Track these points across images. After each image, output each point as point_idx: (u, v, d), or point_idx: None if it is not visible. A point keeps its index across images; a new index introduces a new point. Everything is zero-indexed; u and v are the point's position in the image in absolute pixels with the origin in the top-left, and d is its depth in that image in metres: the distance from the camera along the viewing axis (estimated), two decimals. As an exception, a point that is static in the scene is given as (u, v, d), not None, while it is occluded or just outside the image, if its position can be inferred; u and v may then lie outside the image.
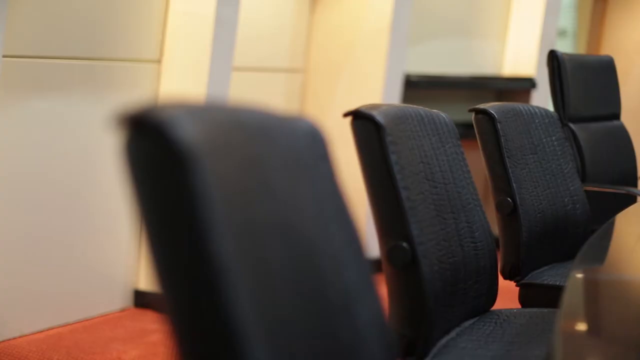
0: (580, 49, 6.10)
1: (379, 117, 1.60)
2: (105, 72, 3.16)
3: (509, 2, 5.05)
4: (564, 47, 6.02)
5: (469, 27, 4.86)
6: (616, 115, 3.28)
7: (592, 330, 1.16)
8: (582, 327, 1.15)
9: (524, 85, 4.96)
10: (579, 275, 1.37)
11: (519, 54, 5.01)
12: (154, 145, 0.73)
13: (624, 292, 1.41)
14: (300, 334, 0.90)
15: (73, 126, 3.06)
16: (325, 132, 1.08)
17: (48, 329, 3.09)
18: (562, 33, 5.98)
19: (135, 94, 3.27)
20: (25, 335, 3.01)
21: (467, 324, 1.81)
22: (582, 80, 3.12)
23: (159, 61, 3.34)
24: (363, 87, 4.06)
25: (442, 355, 1.62)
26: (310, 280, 0.96)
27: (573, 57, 3.15)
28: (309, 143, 1.05)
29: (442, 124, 1.85)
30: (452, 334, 1.75)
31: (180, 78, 3.31)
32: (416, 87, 4.31)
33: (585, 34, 6.10)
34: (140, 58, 3.27)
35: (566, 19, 6.01)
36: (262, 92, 3.94)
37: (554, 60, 3.06)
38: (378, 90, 4.02)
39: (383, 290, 1.65)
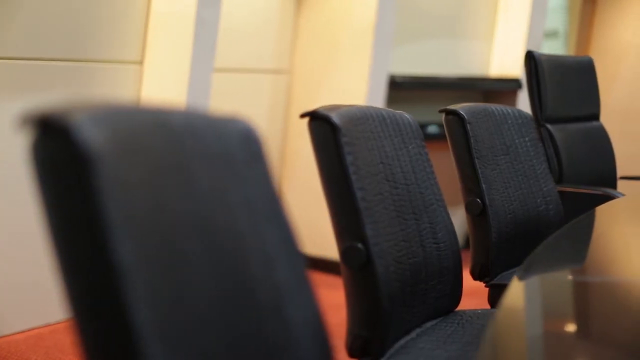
0: (571, 50, 6.09)
1: (335, 118, 1.60)
2: (87, 74, 3.16)
3: (496, 3, 5.04)
4: (555, 47, 6.01)
5: (456, 27, 4.86)
6: (595, 116, 3.27)
7: (529, 330, 1.17)
8: (520, 328, 1.15)
9: (511, 86, 4.96)
10: (523, 277, 1.37)
11: (506, 54, 5.01)
12: (58, 146, 0.74)
13: (567, 292, 1.41)
14: (222, 334, 0.90)
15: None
16: (260, 132, 1.08)
17: (29, 330, 3.09)
18: (553, 34, 5.97)
19: (117, 96, 3.27)
20: (6, 336, 3.02)
21: (429, 324, 1.81)
22: (560, 81, 3.11)
23: (140, 62, 3.34)
24: (348, 88, 4.06)
25: (399, 355, 1.62)
26: (237, 279, 0.96)
27: (551, 58, 3.14)
28: (242, 143, 1.05)
29: (406, 124, 1.85)
30: (413, 334, 1.75)
31: (162, 79, 3.32)
32: (401, 88, 4.31)
33: (575, 34, 6.10)
34: (122, 59, 3.28)
35: (557, 20, 6.01)
36: (246, 93, 3.94)
37: (531, 60, 3.05)
38: (363, 91, 4.01)
39: (341, 291, 1.65)
